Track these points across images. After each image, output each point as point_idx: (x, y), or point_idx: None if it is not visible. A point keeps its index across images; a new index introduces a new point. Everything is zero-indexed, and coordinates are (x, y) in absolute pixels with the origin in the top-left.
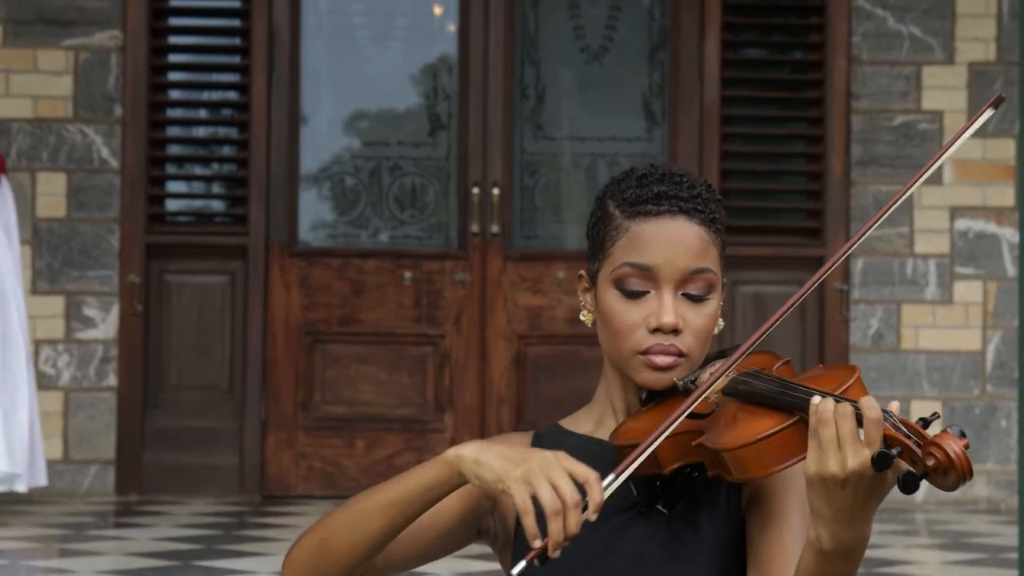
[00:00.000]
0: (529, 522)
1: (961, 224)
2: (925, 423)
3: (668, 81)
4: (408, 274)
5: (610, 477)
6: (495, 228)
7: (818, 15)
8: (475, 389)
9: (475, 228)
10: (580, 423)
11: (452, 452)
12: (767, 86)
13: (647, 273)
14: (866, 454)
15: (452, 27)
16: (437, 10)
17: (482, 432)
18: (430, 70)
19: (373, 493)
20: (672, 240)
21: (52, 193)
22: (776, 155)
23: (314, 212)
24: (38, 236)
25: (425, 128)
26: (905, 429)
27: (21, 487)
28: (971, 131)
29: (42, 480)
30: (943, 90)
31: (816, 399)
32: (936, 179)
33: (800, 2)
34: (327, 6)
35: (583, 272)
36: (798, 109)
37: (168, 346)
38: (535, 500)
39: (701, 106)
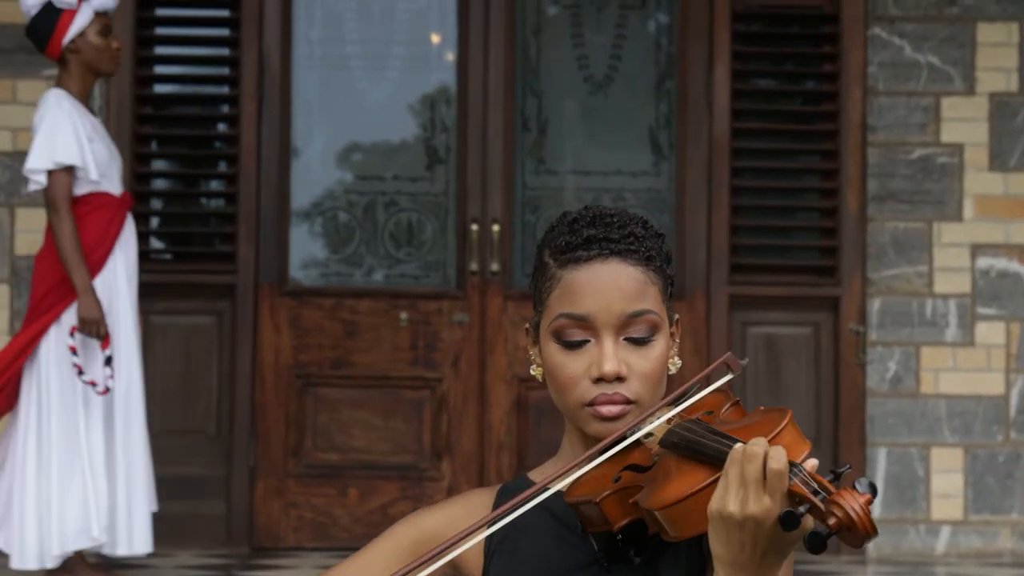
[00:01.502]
0: None
1: (983, 262)
2: (836, 477)
3: (675, 113)
4: (404, 315)
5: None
6: (495, 266)
7: (832, 44)
8: (474, 435)
9: (474, 266)
10: (547, 474)
11: None
12: (779, 118)
13: (583, 323)
14: (766, 502)
15: (450, 56)
16: (435, 38)
17: (481, 480)
18: (427, 101)
19: None
20: (605, 286)
21: (31, 230)
22: (788, 190)
23: (306, 249)
24: (16, 275)
25: (422, 162)
26: (815, 484)
27: (123, 551)
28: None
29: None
30: (963, 122)
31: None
32: (956, 215)
33: (813, 30)
34: (320, 34)
35: (528, 325)
36: (811, 142)
37: (152, 389)
38: None
39: (710, 139)
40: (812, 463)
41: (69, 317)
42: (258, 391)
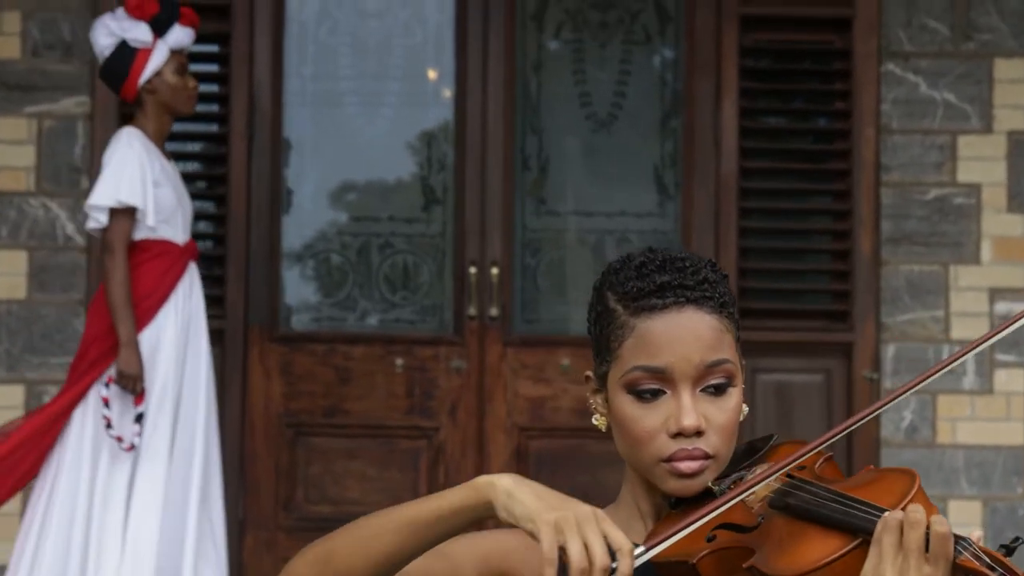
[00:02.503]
0: (550, 573)
1: (1001, 307)
2: (1008, 551)
3: (682, 151)
4: (399, 361)
5: (640, 548)
6: (494, 311)
7: (844, 80)
8: None
9: (472, 311)
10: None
11: (484, 479)
12: (789, 157)
13: (660, 375)
14: (926, 571)
15: (448, 92)
16: (431, 74)
17: None
18: (424, 139)
19: (391, 511)
20: (683, 335)
21: (11, 273)
22: (799, 232)
23: (297, 293)
24: None
25: (418, 202)
26: (988, 560)
27: None
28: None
29: None
30: (980, 161)
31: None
32: (973, 258)
33: (825, 67)
34: (312, 70)
35: (590, 373)
36: (823, 182)
37: None
38: (562, 553)
39: (717, 178)
40: (977, 535)
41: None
42: (247, 440)
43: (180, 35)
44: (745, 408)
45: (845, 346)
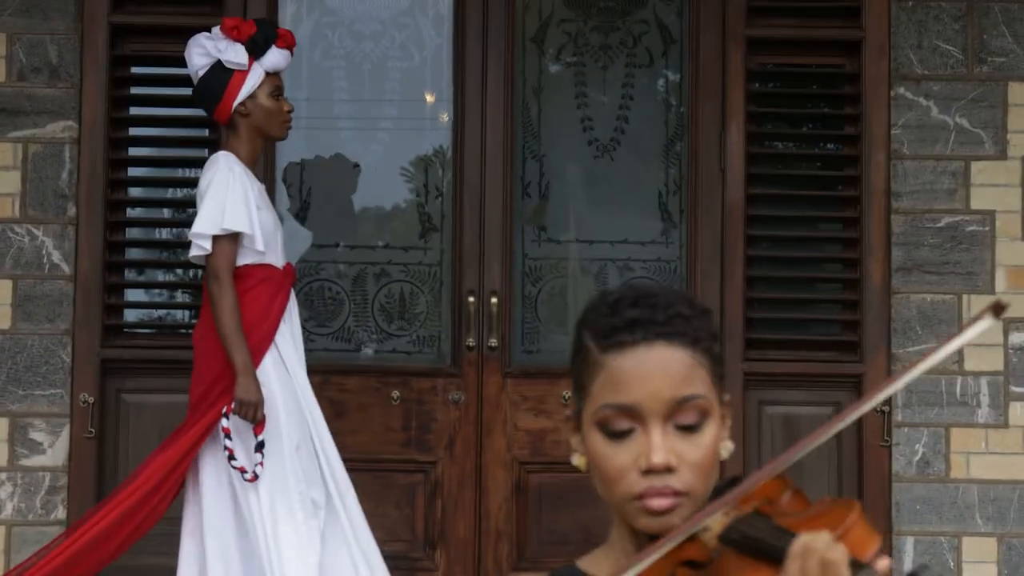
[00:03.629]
0: None
1: (1016, 338)
2: None
3: (686, 177)
4: (395, 393)
5: None
6: (493, 342)
7: (853, 104)
8: (470, 522)
9: (471, 341)
10: (599, 564)
11: None
12: (797, 183)
13: (630, 412)
14: None
15: (445, 117)
16: (429, 98)
17: (478, 572)
18: (421, 165)
19: None
20: (651, 372)
21: None
22: (807, 260)
23: None
24: None
25: (415, 229)
26: None
27: None
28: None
29: None
30: (994, 188)
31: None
32: (987, 287)
33: (834, 90)
34: (306, 93)
35: (569, 412)
36: (832, 209)
37: (125, 474)
38: None
39: (723, 205)
40: (883, 564)
41: None
42: None
43: (276, 57)
44: (730, 444)
45: (855, 378)
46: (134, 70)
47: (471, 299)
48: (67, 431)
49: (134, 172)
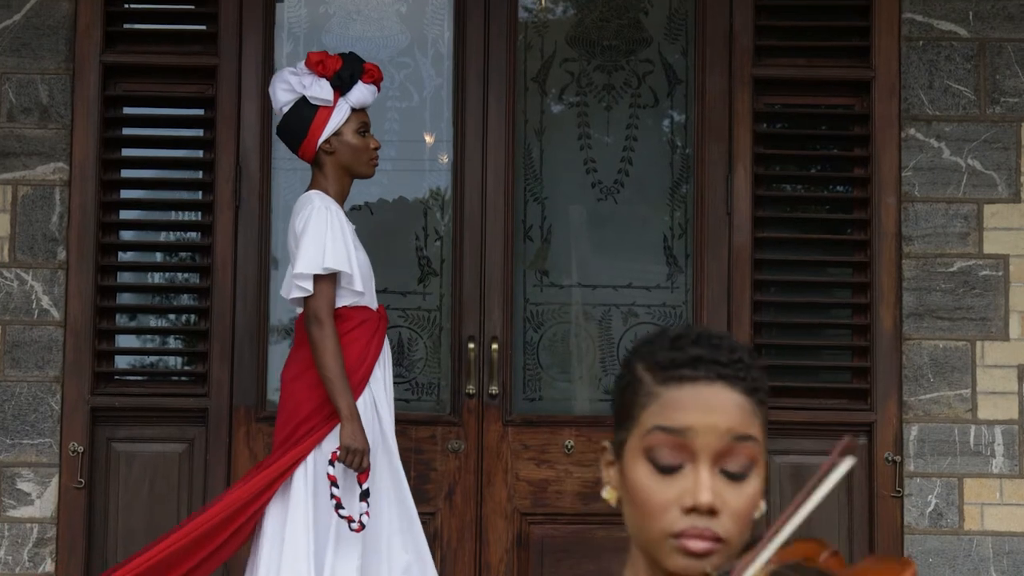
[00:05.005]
0: None
1: None
2: None
3: (692, 220)
4: None
5: None
6: (494, 389)
7: (863, 146)
8: (470, 574)
9: (471, 389)
10: None
11: None
12: (805, 227)
13: (681, 439)
14: None
15: (445, 158)
16: (428, 139)
17: None
18: (419, 207)
19: None
20: (710, 405)
21: None
22: (816, 305)
23: None
24: None
25: (413, 273)
26: None
27: None
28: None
29: None
30: (1008, 231)
31: None
32: (1001, 333)
33: (842, 131)
34: None
35: (607, 443)
36: (841, 253)
37: (115, 526)
38: None
39: (730, 249)
40: None
41: (331, 444)
42: None
43: (363, 93)
44: (763, 506)
45: (865, 426)
46: (126, 111)
47: (471, 345)
48: (56, 481)
49: (126, 215)
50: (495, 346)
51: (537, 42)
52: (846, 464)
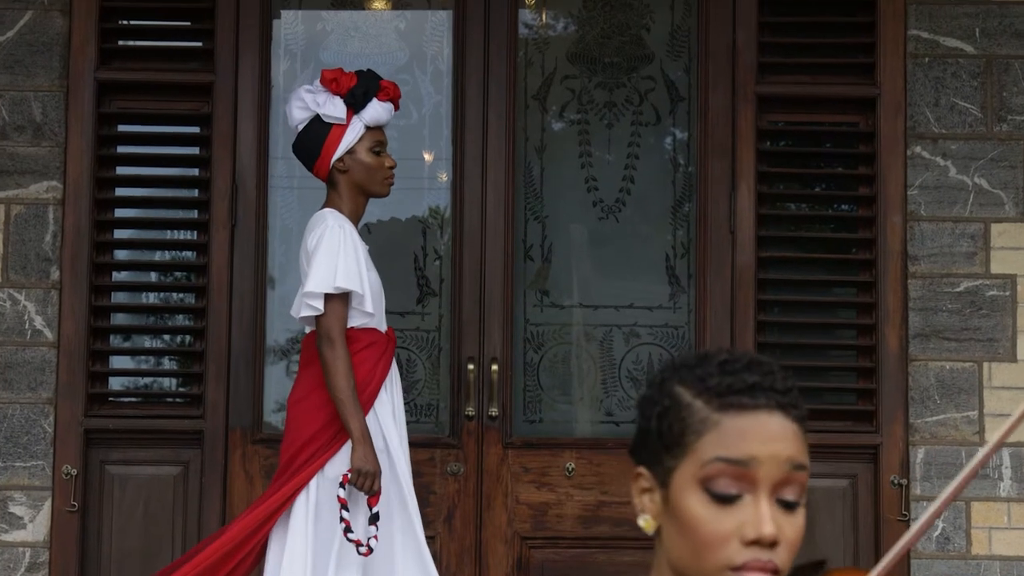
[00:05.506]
0: None
1: None
2: None
3: (694, 240)
4: None
5: None
6: (493, 411)
7: (868, 164)
8: None
9: (470, 411)
10: None
11: None
12: (810, 246)
13: (744, 470)
14: None
15: (444, 176)
16: (427, 156)
17: None
18: (418, 226)
19: None
20: (772, 435)
21: None
22: (821, 326)
23: (282, 391)
24: None
25: (412, 294)
26: None
27: None
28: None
29: None
30: (1015, 251)
31: None
32: (1009, 355)
33: (847, 149)
34: None
35: (642, 470)
36: (846, 273)
37: (109, 550)
38: None
39: (733, 269)
40: None
41: (335, 467)
42: None
43: (378, 111)
44: None
45: (871, 449)
46: (121, 128)
47: (471, 366)
48: (48, 505)
49: (120, 234)
50: (495, 367)
51: (538, 59)
52: None
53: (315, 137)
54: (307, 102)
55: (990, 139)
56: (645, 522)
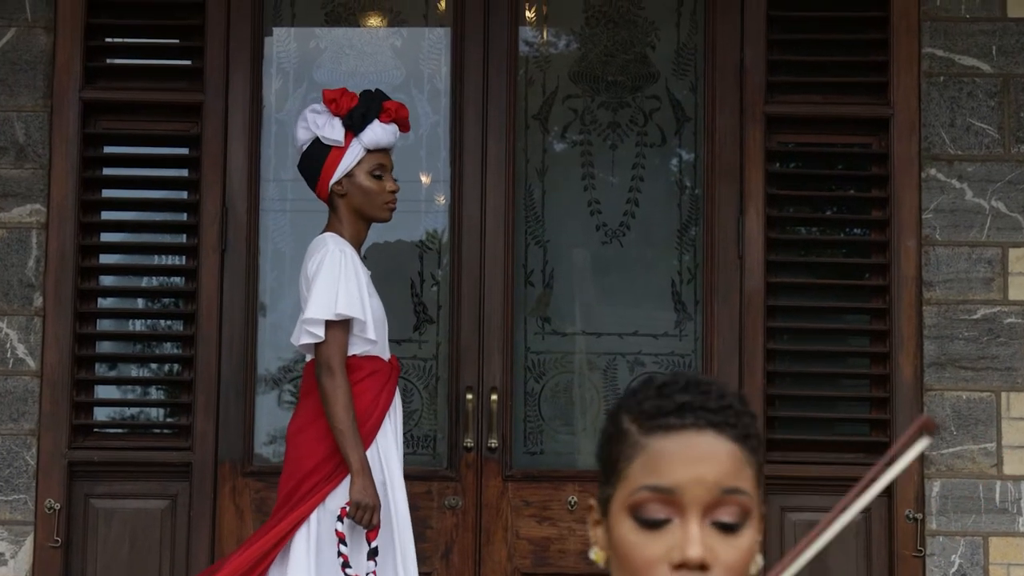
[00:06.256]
0: None
1: None
2: None
3: (701, 265)
4: None
5: None
6: (493, 442)
7: (881, 187)
8: None
9: (468, 442)
10: None
11: None
12: (821, 271)
13: (669, 496)
14: None
15: (442, 199)
16: (424, 179)
17: None
18: (414, 251)
19: None
20: (698, 456)
21: None
22: (833, 355)
23: (273, 422)
24: None
25: (408, 321)
26: None
27: None
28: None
29: None
30: None
31: None
32: None
33: (859, 171)
34: (292, 174)
35: (593, 501)
36: (859, 299)
37: None
38: None
39: (741, 295)
40: None
41: (336, 500)
42: None
43: (378, 134)
44: (760, 560)
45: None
46: (107, 149)
47: (469, 396)
48: (31, 540)
49: (106, 259)
50: (494, 397)
51: (539, 77)
52: (920, 445)
53: (315, 159)
54: (310, 123)
55: (1008, 161)
56: (595, 555)
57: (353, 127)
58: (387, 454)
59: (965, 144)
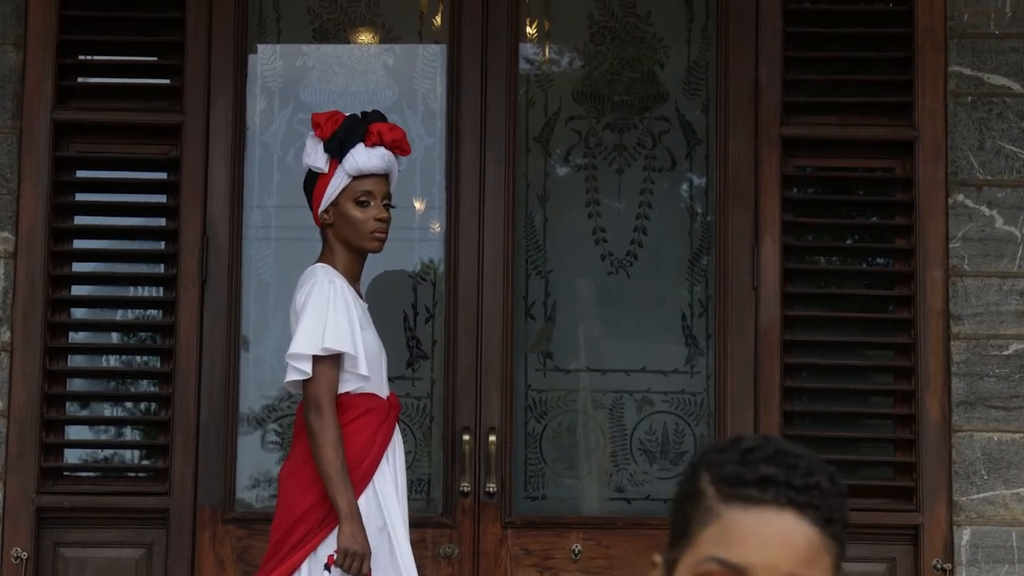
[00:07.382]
0: None
1: None
2: None
3: (714, 297)
4: None
5: None
6: (491, 486)
7: (905, 214)
8: None
9: (465, 486)
10: None
11: None
12: (841, 304)
13: (737, 574)
14: None
15: (437, 227)
16: (418, 205)
17: None
18: (408, 282)
19: None
20: (773, 538)
21: None
22: (854, 393)
23: (257, 465)
24: None
25: (401, 357)
26: None
27: None
28: None
29: None
30: None
31: None
32: None
33: (882, 197)
34: (277, 200)
35: (659, 558)
36: (882, 333)
37: None
38: None
39: (756, 329)
40: None
41: (327, 549)
42: None
43: (360, 159)
44: None
45: (911, 529)
46: (80, 174)
47: (466, 437)
48: None
49: (78, 291)
50: (493, 438)
51: (540, 97)
52: None
53: (307, 187)
54: (307, 149)
55: None
56: None
57: (335, 152)
58: (386, 497)
59: (995, 168)
